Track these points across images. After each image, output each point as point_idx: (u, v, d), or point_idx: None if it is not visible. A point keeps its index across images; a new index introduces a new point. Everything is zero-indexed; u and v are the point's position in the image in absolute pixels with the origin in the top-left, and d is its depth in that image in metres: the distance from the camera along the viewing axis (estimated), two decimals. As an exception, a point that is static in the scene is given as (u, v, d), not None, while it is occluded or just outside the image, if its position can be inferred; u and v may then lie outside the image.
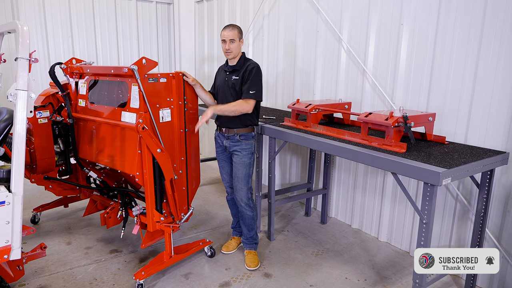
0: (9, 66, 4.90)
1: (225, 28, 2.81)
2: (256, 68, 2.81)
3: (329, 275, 2.91)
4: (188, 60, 6.34)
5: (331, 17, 3.67)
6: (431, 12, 2.83)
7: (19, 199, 2.05)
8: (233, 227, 3.34)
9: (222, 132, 2.94)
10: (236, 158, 2.91)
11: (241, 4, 5.07)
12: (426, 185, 2.06)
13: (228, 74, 2.88)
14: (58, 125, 3.19)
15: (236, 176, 2.94)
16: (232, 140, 2.89)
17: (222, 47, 2.82)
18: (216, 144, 3.05)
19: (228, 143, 2.91)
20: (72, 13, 5.57)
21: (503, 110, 2.51)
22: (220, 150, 3.03)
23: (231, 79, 2.84)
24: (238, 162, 2.90)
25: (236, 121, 2.85)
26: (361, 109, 3.47)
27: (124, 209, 3.01)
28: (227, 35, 2.77)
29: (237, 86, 2.82)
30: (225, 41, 2.78)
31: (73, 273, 2.87)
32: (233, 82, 2.83)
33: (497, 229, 2.67)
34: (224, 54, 2.84)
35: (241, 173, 2.91)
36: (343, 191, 3.87)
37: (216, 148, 3.07)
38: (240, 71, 2.83)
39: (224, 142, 2.94)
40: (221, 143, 2.98)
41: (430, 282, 2.27)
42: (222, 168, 3.09)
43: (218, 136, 3.00)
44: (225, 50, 2.80)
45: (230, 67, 2.89)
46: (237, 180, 2.94)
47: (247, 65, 2.83)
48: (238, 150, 2.89)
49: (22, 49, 2.05)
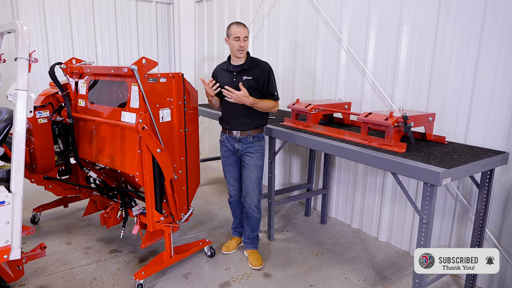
0: (9, 66, 4.90)
1: (237, 24, 2.71)
2: (271, 68, 2.83)
3: (329, 275, 2.91)
4: (188, 60, 6.34)
5: (331, 17, 3.67)
6: (431, 12, 2.83)
7: (19, 199, 2.05)
8: (234, 227, 3.32)
9: (233, 135, 2.88)
10: (250, 160, 2.87)
11: (241, 4, 5.07)
12: (426, 185, 2.06)
13: (235, 74, 2.79)
14: (58, 125, 3.19)
15: (249, 179, 2.90)
16: (245, 142, 2.86)
17: (234, 45, 2.71)
18: (224, 148, 2.97)
19: (241, 145, 2.87)
20: (72, 13, 5.57)
21: (503, 110, 2.51)
22: (228, 154, 2.97)
23: (241, 79, 2.75)
24: (252, 164, 2.87)
25: (249, 123, 2.82)
26: (361, 109, 3.47)
27: (124, 209, 3.01)
28: (241, 32, 2.68)
29: (253, 86, 2.75)
30: (239, 38, 2.68)
31: (73, 273, 2.87)
32: (247, 82, 2.74)
33: (497, 229, 2.67)
34: (236, 52, 2.73)
35: (255, 175, 2.88)
36: (343, 191, 3.87)
37: (222, 152, 3.00)
38: (251, 71, 2.76)
39: (236, 146, 2.89)
40: (230, 146, 2.92)
41: (430, 282, 2.27)
42: (229, 172, 3.03)
43: (227, 139, 2.93)
44: (239, 48, 2.70)
45: (236, 66, 2.80)
46: (249, 183, 2.90)
47: (262, 66, 2.79)
48: (251, 152, 2.86)
49: (22, 49, 2.05)
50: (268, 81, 2.80)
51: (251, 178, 2.90)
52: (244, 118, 2.81)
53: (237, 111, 2.80)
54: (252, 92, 2.74)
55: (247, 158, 2.89)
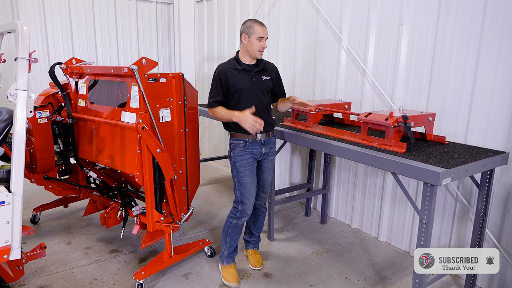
0: (9, 66, 4.90)
1: (260, 24, 2.54)
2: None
3: (329, 275, 2.91)
4: (188, 60, 6.34)
5: (331, 17, 3.67)
6: (431, 12, 2.83)
7: (19, 199, 2.05)
8: (231, 252, 2.83)
9: (257, 139, 2.62)
10: (269, 164, 2.76)
11: (241, 4, 5.07)
12: (426, 185, 2.06)
13: (254, 74, 2.60)
14: (58, 125, 3.19)
15: (267, 181, 2.79)
16: (269, 143, 2.70)
17: (255, 45, 2.52)
18: (246, 156, 2.61)
19: (266, 148, 2.68)
20: (72, 13, 5.58)
21: (503, 110, 2.51)
22: (252, 162, 2.64)
23: (261, 79, 2.62)
24: (271, 167, 2.78)
25: (270, 122, 2.68)
26: (361, 109, 3.47)
27: (124, 209, 3.01)
28: (266, 32, 2.54)
29: (270, 86, 2.68)
30: (262, 38, 2.52)
31: (73, 273, 2.87)
32: (267, 83, 2.65)
33: (497, 229, 2.67)
34: (256, 53, 2.55)
35: (271, 177, 2.80)
36: (343, 191, 3.87)
37: (244, 161, 2.60)
38: (267, 71, 2.67)
39: (263, 150, 2.65)
40: (256, 152, 2.63)
41: (430, 282, 2.27)
42: (252, 183, 2.65)
43: (252, 145, 2.61)
44: (261, 48, 2.54)
45: (251, 66, 2.61)
46: (267, 186, 2.82)
47: (271, 65, 2.76)
48: (272, 153, 2.75)
49: (22, 49, 2.05)
50: (279, 78, 2.79)
51: (269, 180, 2.80)
52: (266, 118, 2.63)
53: (261, 112, 2.61)
54: (267, 94, 2.68)
55: (266, 162, 2.73)
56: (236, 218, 2.70)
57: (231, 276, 2.74)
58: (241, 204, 2.66)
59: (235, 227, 2.73)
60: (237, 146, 2.61)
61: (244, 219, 2.69)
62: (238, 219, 2.69)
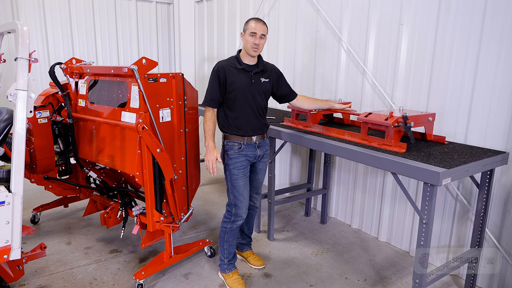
0: (9, 66, 4.90)
1: (256, 20, 2.44)
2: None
3: (329, 275, 2.91)
4: (188, 60, 6.34)
5: (331, 17, 3.67)
6: (431, 12, 2.83)
7: (19, 199, 2.05)
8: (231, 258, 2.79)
9: (251, 142, 2.57)
10: (264, 166, 2.74)
11: (241, 4, 5.07)
12: (426, 185, 2.06)
13: (254, 75, 2.53)
14: (58, 125, 3.19)
15: (260, 183, 2.80)
16: (263, 145, 2.66)
17: (248, 41, 2.43)
18: (240, 159, 2.56)
19: (261, 151, 2.65)
20: (72, 13, 5.58)
21: (503, 110, 2.51)
22: (246, 165, 2.60)
23: (260, 81, 2.55)
24: (264, 168, 2.76)
25: (264, 124, 2.64)
26: (361, 109, 3.47)
27: (124, 209, 3.01)
28: (259, 28, 2.41)
29: (268, 89, 2.62)
30: (255, 34, 2.41)
31: (73, 273, 2.87)
32: (265, 85, 2.58)
33: (497, 229, 2.67)
34: (249, 50, 2.45)
35: (264, 177, 2.81)
36: (343, 191, 3.87)
37: (238, 164, 2.55)
38: (267, 73, 2.60)
39: (257, 152, 2.62)
40: (251, 154, 2.59)
41: (430, 282, 2.27)
42: (245, 186, 2.61)
43: (247, 148, 2.57)
44: (253, 45, 2.42)
45: (251, 66, 2.53)
46: (259, 186, 2.83)
47: (272, 67, 2.68)
48: (265, 155, 2.72)
49: (22, 49, 2.05)
50: (283, 79, 2.73)
51: (261, 181, 2.81)
52: (261, 120, 2.60)
53: (255, 114, 2.57)
54: (265, 96, 2.61)
55: (260, 164, 2.71)
56: (230, 222, 2.65)
57: (237, 282, 2.69)
58: (234, 207, 2.61)
59: (230, 231, 2.68)
60: (231, 148, 2.56)
61: (239, 222, 2.65)
62: (233, 222, 2.65)
